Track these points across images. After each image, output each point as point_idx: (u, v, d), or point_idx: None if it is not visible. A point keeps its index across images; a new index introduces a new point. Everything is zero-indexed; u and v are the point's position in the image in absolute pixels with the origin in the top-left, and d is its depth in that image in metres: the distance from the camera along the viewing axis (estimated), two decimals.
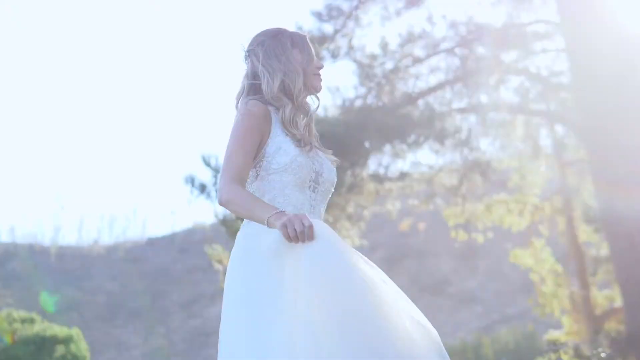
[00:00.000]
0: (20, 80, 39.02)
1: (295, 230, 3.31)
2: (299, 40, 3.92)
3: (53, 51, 38.70)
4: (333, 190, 3.82)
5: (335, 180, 3.81)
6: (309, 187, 3.70)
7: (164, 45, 41.03)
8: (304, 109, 3.83)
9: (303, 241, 3.33)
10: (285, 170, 3.69)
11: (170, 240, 31.39)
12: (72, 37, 38.97)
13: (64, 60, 39.21)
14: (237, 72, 3.96)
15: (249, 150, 3.70)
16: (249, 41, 3.96)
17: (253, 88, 3.85)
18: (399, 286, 3.62)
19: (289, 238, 3.33)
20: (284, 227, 3.33)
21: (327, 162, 3.80)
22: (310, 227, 3.33)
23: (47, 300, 22.67)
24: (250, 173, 3.75)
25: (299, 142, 3.72)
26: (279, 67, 3.81)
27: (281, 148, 3.70)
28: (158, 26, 41.12)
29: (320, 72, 3.91)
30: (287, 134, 3.72)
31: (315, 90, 3.89)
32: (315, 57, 3.92)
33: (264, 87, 3.80)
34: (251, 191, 3.73)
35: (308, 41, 3.94)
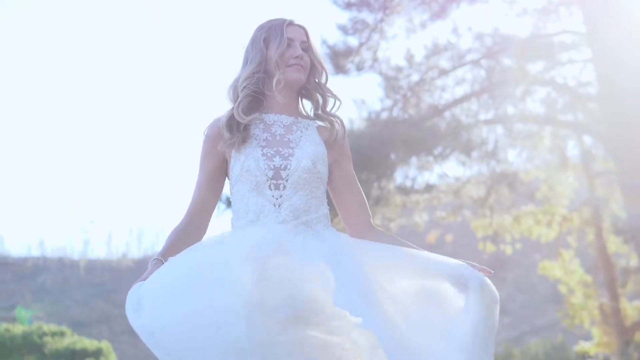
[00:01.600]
0: (45, 96, 39.32)
1: None
2: (274, 33, 3.76)
3: (77, 62, 38.96)
4: (313, 176, 3.64)
5: (311, 165, 3.63)
6: (269, 186, 3.59)
7: (194, 64, 41.19)
8: (246, 107, 3.71)
9: None
10: (239, 180, 3.65)
11: None
12: (89, 46, 39.22)
13: (86, 76, 39.47)
14: None
15: (203, 178, 3.78)
16: None
17: None
18: None
19: None
20: None
21: (301, 151, 3.65)
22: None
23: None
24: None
25: (239, 145, 3.66)
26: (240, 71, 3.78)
27: (237, 159, 3.68)
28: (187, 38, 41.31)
29: (300, 60, 3.74)
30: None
31: (289, 82, 3.73)
32: (288, 46, 3.74)
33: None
34: (232, 208, 3.74)
35: (285, 29, 3.76)
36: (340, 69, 17.45)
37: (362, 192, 3.84)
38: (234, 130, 3.67)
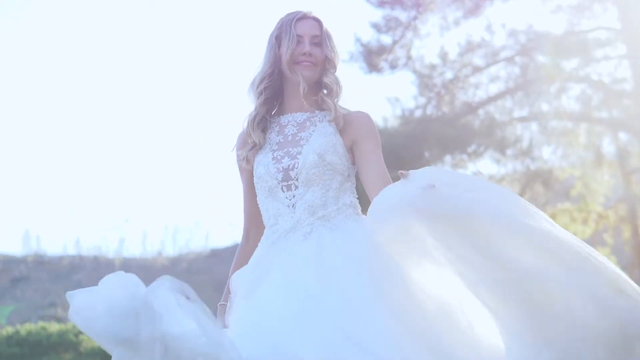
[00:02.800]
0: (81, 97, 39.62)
1: None
2: (285, 30, 3.69)
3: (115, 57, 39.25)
4: (323, 169, 3.53)
5: (318, 159, 3.52)
6: (281, 188, 3.55)
7: (226, 58, 41.33)
8: (264, 107, 3.70)
9: None
10: (257, 188, 3.65)
11: (233, 252, 31.19)
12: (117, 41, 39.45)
13: (119, 72, 39.73)
14: None
15: (245, 188, 3.81)
16: None
17: None
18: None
19: None
20: None
21: (309, 147, 3.57)
22: None
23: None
24: None
25: (260, 148, 3.67)
26: None
27: (254, 168, 3.70)
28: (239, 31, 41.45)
29: (309, 57, 3.64)
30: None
31: (303, 79, 3.64)
32: (298, 43, 3.65)
33: None
34: None
35: (294, 26, 3.68)
36: (373, 67, 17.45)
37: (384, 172, 3.60)
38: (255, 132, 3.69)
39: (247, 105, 3.76)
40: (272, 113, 3.76)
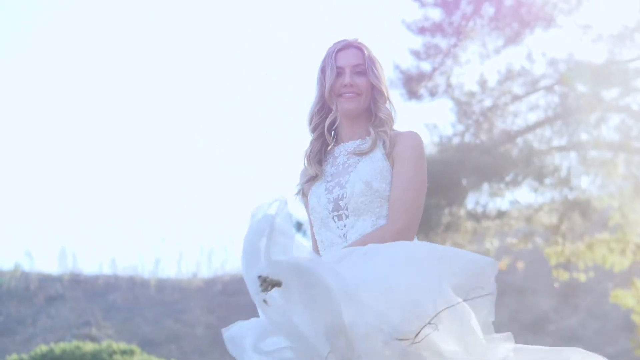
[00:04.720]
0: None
1: None
2: (327, 63, 3.71)
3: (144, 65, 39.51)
4: (371, 196, 3.51)
5: (364, 187, 3.51)
6: (332, 218, 3.57)
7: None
8: (318, 141, 3.76)
9: None
10: (312, 220, 3.70)
11: None
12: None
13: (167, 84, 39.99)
14: None
15: (311, 226, 3.80)
16: None
17: None
18: (498, 323, 3.29)
19: None
20: None
21: (356, 175, 3.58)
22: None
23: None
24: None
25: (316, 180, 3.72)
26: None
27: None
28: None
29: (350, 87, 3.67)
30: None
31: (342, 112, 3.69)
32: (338, 74, 3.68)
33: None
34: None
35: (334, 57, 3.70)
36: (413, 94, 17.45)
37: (401, 197, 3.55)
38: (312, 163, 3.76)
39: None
40: (330, 145, 3.80)
